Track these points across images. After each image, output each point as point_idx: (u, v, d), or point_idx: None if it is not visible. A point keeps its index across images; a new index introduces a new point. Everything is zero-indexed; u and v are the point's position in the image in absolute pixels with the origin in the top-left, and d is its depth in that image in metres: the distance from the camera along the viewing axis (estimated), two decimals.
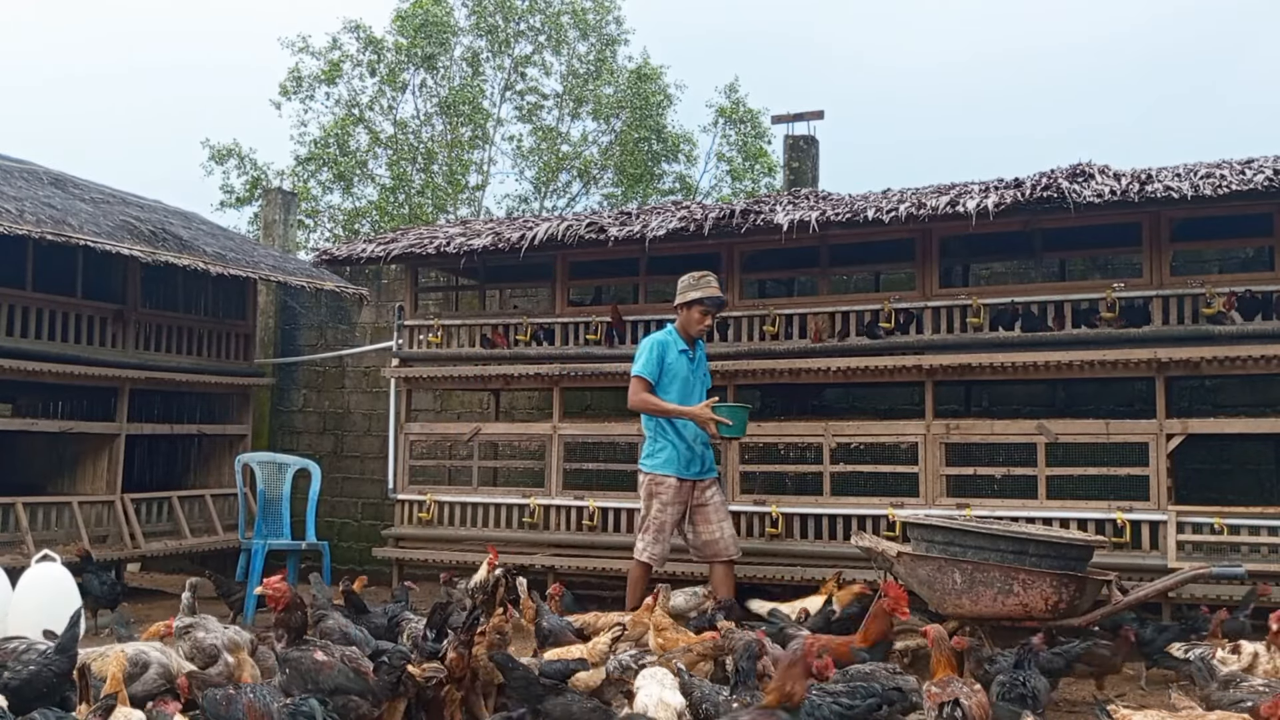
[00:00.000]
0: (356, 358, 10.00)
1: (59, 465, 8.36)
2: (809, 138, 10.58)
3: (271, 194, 11.86)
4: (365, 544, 9.15)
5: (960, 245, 7.12)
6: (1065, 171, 6.33)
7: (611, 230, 7.04)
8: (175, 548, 8.24)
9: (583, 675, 4.11)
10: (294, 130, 23.58)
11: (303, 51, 19.92)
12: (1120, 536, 6.11)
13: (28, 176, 7.97)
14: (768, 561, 6.85)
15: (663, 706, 3.66)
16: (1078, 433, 6.46)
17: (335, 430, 10.06)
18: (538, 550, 7.44)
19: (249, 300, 9.30)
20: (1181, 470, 6.62)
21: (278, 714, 3.34)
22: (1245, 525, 5.92)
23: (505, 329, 7.89)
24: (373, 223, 19.11)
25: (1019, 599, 4.77)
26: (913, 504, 6.61)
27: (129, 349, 8.18)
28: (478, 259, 7.76)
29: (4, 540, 7.15)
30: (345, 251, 8.09)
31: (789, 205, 6.91)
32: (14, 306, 7.35)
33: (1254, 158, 6.17)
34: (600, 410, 8.69)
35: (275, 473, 7.90)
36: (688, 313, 6.09)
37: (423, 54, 19.35)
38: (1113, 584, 5.04)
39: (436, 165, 19.57)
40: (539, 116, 20.56)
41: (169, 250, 7.85)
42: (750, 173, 20.01)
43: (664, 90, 19.81)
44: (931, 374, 6.67)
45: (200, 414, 9.13)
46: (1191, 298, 6.23)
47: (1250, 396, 7.02)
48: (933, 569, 5.03)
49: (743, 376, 7.13)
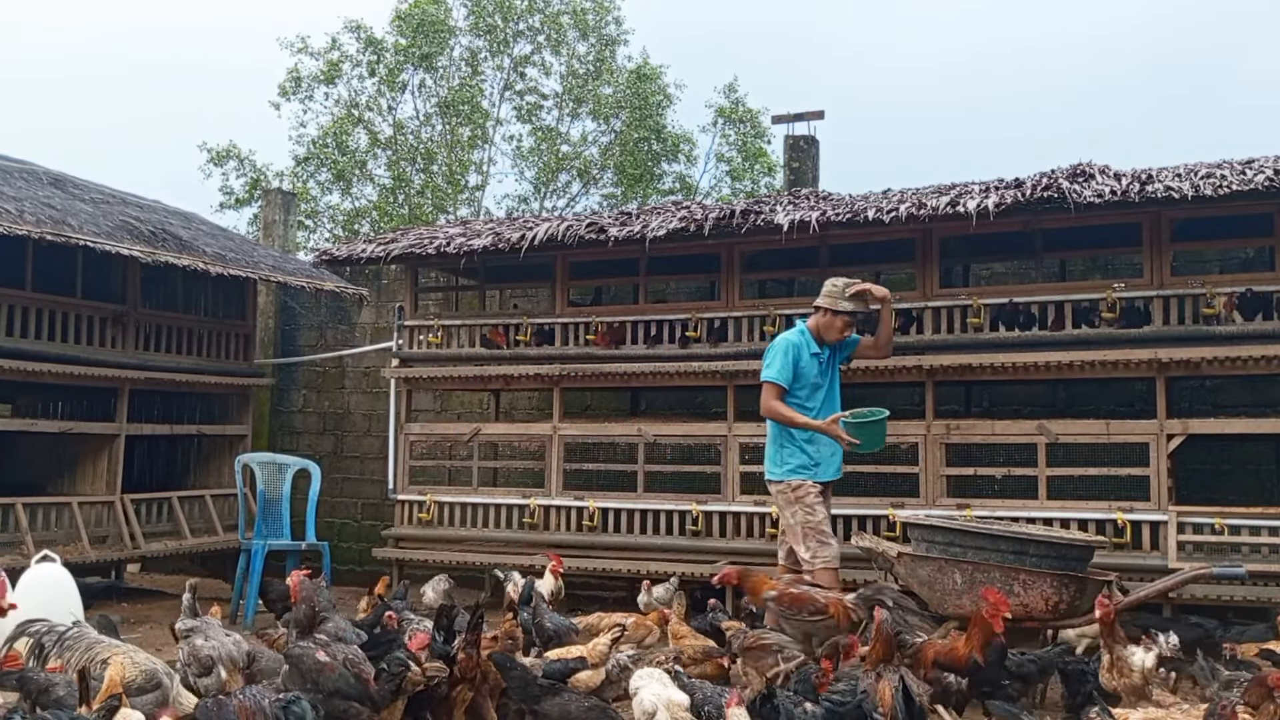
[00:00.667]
0: (356, 358, 9.99)
1: (59, 465, 8.35)
2: (809, 138, 10.58)
3: (271, 195, 11.86)
4: (365, 544, 9.14)
5: (960, 245, 7.11)
6: (1065, 171, 6.33)
7: (611, 230, 7.03)
8: (175, 548, 8.24)
9: (583, 675, 4.11)
10: (292, 131, 23.52)
11: (302, 52, 19.92)
12: (1121, 537, 6.10)
13: (28, 176, 7.96)
14: (769, 562, 6.83)
15: (674, 705, 3.64)
16: (1078, 433, 6.46)
17: (335, 430, 10.05)
18: (538, 550, 7.43)
19: (249, 300, 9.30)
20: (1182, 470, 6.61)
21: (270, 709, 3.33)
22: (1246, 525, 5.92)
23: (505, 329, 7.89)
24: (372, 223, 19.10)
25: (1019, 599, 4.76)
26: (913, 504, 6.61)
27: (129, 349, 8.18)
28: (478, 259, 7.75)
29: (4, 540, 7.15)
30: (345, 252, 8.09)
31: (789, 205, 6.91)
32: (14, 307, 7.35)
33: (1254, 158, 6.16)
34: (600, 410, 8.68)
35: (275, 473, 7.90)
36: (831, 319, 5.56)
37: (422, 54, 19.34)
38: (1113, 584, 5.03)
39: (436, 165, 19.56)
40: (538, 116, 20.56)
41: (169, 250, 7.84)
42: (750, 172, 19.99)
43: (664, 90, 19.80)
44: (932, 374, 6.67)
45: (200, 414, 9.13)
46: (1192, 298, 6.23)
47: (1250, 397, 7.01)
48: (933, 569, 5.03)
49: (743, 376, 7.12)
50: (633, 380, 7.61)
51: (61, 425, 8.04)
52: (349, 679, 3.69)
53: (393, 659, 3.83)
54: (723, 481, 7.16)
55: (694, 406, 8.39)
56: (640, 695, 3.77)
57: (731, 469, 7.12)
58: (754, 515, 6.99)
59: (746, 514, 7.02)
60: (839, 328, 5.57)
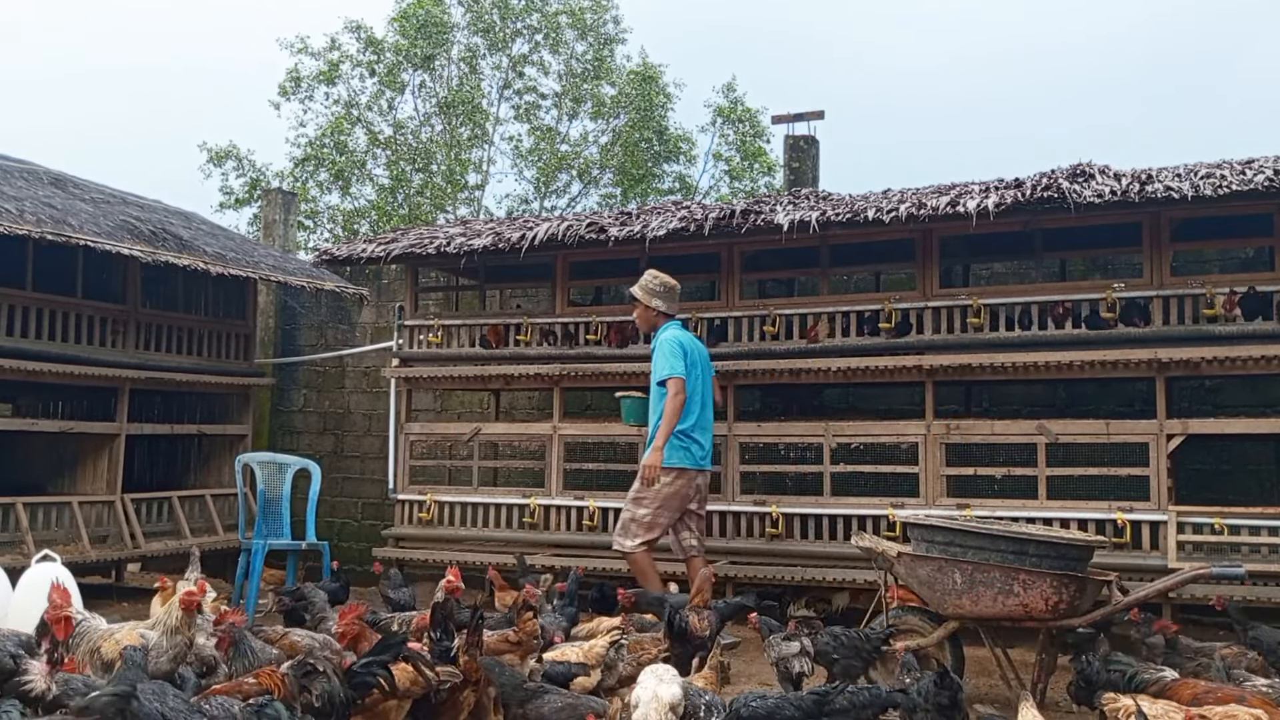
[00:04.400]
0: (356, 358, 10.00)
1: (59, 465, 8.35)
2: (809, 138, 10.58)
3: (271, 194, 11.86)
4: (365, 544, 9.14)
5: (960, 245, 7.11)
6: (1065, 171, 6.33)
7: (612, 230, 7.04)
8: (175, 548, 8.23)
9: (581, 678, 4.12)
10: (291, 131, 23.53)
11: (301, 52, 19.92)
12: (1120, 537, 6.11)
13: (28, 176, 7.96)
14: (768, 562, 6.86)
15: (654, 700, 3.66)
16: (1078, 433, 6.46)
17: (335, 430, 10.05)
18: (538, 550, 7.44)
19: (249, 300, 9.30)
20: (1182, 470, 6.61)
21: (241, 714, 3.24)
22: (1245, 525, 5.92)
23: (505, 329, 7.89)
24: (372, 223, 19.10)
25: (1019, 599, 4.76)
26: (913, 504, 6.61)
27: (129, 349, 8.18)
28: (478, 259, 7.75)
29: (4, 540, 7.14)
30: (345, 251, 8.09)
31: (789, 205, 6.91)
32: (14, 306, 7.35)
33: (1254, 158, 6.16)
34: (600, 410, 8.69)
35: (275, 473, 7.89)
36: (653, 315, 6.50)
37: (421, 54, 19.34)
38: (1113, 584, 5.03)
39: (435, 165, 19.56)
40: (537, 116, 20.56)
41: (169, 250, 7.84)
42: (749, 172, 19.99)
43: (665, 90, 19.79)
44: (931, 374, 6.67)
45: (200, 414, 9.13)
46: (1192, 298, 6.23)
47: (1250, 396, 7.02)
48: (933, 569, 5.03)
49: (743, 376, 7.13)
50: (633, 380, 7.61)
51: (62, 425, 8.03)
52: None
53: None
54: (723, 481, 7.16)
55: None
56: (633, 693, 3.79)
57: (732, 469, 7.12)
58: (754, 515, 7.00)
59: (746, 514, 7.02)
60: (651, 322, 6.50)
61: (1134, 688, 3.83)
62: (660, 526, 6.27)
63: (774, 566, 6.78)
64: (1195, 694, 3.63)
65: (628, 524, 6.30)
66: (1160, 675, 3.92)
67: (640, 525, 6.24)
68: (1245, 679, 4.07)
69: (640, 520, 6.24)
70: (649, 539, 6.24)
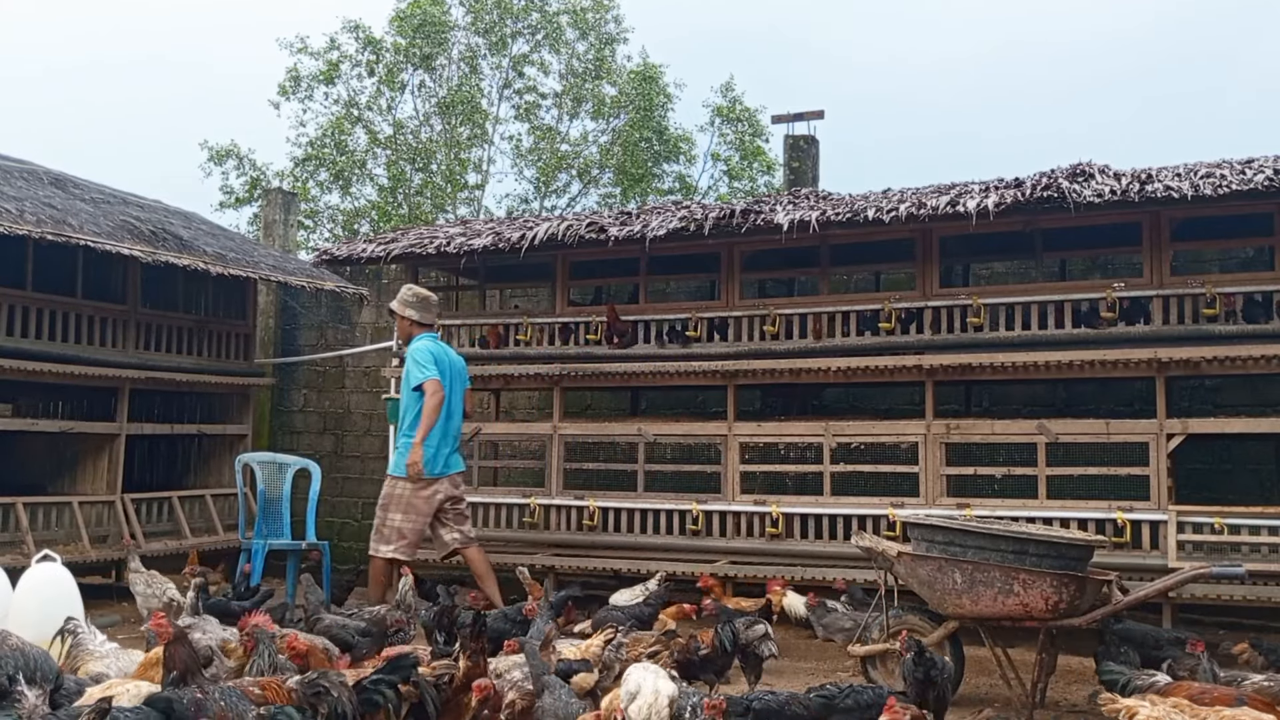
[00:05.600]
0: (356, 358, 9.99)
1: (59, 465, 8.36)
2: (809, 137, 10.58)
3: (271, 194, 11.86)
4: (365, 544, 9.10)
5: (960, 245, 7.12)
6: (1065, 171, 6.33)
7: (612, 230, 7.04)
8: (176, 548, 8.23)
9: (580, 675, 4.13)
10: (291, 131, 23.53)
11: (301, 52, 19.90)
12: (1120, 536, 6.11)
13: (28, 176, 7.96)
14: (768, 561, 6.86)
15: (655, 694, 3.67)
16: (1078, 433, 6.46)
17: (335, 430, 10.06)
18: (538, 550, 7.44)
19: (249, 300, 9.30)
20: (1182, 470, 6.61)
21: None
22: (1245, 525, 5.92)
23: (505, 329, 7.89)
24: (372, 223, 19.10)
25: (1019, 599, 4.76)
26: (913, 504, 6.61)
27: (129, 349, 8.18)
28: (478, 259, 7.76)
29: (4, 540, 7.15)
30: (345, 251, 8.09)
31: (789, 205, 6.91)
32: (14, 306, 7.35)
33: (1254, 158, 6.17)
34: (600, 410, 8.69)
35: (275, 473, 7.90)
36: (408, 326, 6.63)
37: (421, 54, 19.33)
38: (1113, 584, 5.03)
39: (435, 165, 19.55)
40: (537, 116, 20.55)
41: (169, 250, 7.85)
42: (748, 172, 19.98)
43: (665, 90, 19.79)
44: (931, 374, 6.67)
45: (200, 414, 9.13)
46: (1192, 298, 6.23)
47: (1250, 396, 7.02)
48: (933, 569, 5.03)
49: (743, 376, 7.13)
50: (633, 380, 7.62)
51: (62, 425, 8.04)
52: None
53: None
54: (723, 481, 7.17)
55: (694, 406, 8.40)
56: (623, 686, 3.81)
57: (732, 468, 7.13)
58: (754, 515, 7.00)
59: (746, 513, 7.02)
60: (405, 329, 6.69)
61: (1128, 693, 3.84)
62: (413, 534, 6.41)
63: (774, 566, 6.78)
64: (1190, 696, 3.63)
65: (380, 528, 6.47)
66: (1153, 679, 3.93)
67: (394, 531, 6.39)
68: (1243, 678, 4.07)
69: (393, 525, 6.40)
70: (403, 545, 6.37)
